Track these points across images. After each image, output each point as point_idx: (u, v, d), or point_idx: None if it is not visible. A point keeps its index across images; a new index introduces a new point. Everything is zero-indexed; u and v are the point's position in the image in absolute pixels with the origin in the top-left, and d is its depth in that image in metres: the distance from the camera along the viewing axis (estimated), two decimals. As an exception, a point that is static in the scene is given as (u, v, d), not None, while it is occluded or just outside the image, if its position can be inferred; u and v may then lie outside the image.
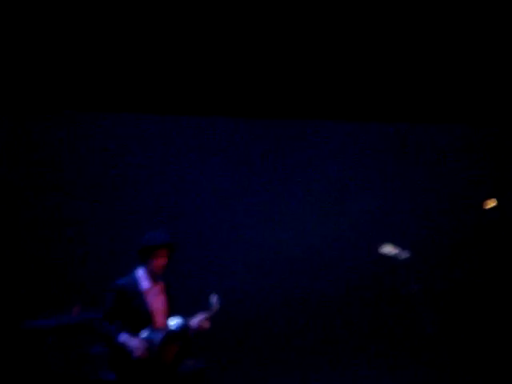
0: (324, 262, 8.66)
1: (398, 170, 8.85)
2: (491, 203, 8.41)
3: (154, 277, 6.81)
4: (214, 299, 6.89)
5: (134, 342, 6.58)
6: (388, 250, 6.51)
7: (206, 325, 6.85)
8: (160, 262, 6.77)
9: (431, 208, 8.76)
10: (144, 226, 7.56)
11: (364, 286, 8.61)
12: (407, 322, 7.74)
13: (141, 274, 6.82)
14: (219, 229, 8.67)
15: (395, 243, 6.62)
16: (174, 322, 6.77)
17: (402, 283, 6.44)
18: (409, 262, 6.44)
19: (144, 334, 6.65)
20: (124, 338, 6.59)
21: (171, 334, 6.70)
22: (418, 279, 6.43)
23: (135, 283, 6.77)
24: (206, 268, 8.40)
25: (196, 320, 6.83)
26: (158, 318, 6.76)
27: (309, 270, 8.60)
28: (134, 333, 6.64)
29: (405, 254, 6.44)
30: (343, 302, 8.74)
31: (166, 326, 6.74)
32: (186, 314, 6.84)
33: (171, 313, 6.82)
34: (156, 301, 6.79)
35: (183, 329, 6.75)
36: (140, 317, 6.69)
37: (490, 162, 8.65)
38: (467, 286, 8.59)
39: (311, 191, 8.89)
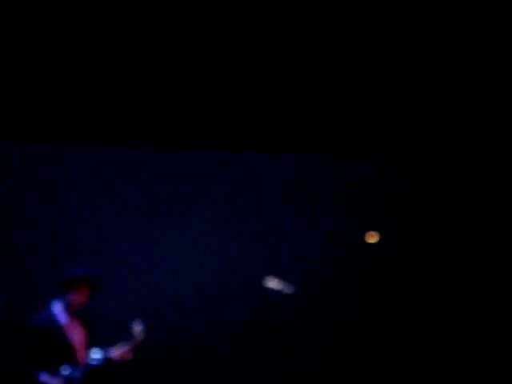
0: (213, 294, 8.79)
1: (284, 202, 9.05)
2: (373, 237, 8.81)
3: (71, 312, 6.75)
4: (137, 328, 6.91)
5: (54, 381, 6.52)
6: (273, 283, 6.66)
7: (129, 356, 6.84)
8: (80, 297, 6.72)
9: (318, 242, 8.86)
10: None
11: (252, 320, 8.86)
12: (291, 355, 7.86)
13: (58, 308, 6.73)
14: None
15: (280, 277, 6.80)
16: (94, 356, 6.71)
17: (286, 317, 6.57)
18: (294, 297, 6.57)
19: (64, 371, 6.57)
20: (45, 377, 6.51)
21: (91, 370, 6.65)
22: (302, 314, 6.58)
23: (53, 318, 6.69)
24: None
25: (117, 352, 6.81)
26: (79, 353, 6.70)
27: (198, 303, 8.75)
28: (55, 369, 6.56)
29: (289, 289, 6.57)
30: (228, 338, 8.92)
31: (87, 361, 6.68)
32: (107, 345, 6.81)
33: (91, 347, 6.76)
34: (76, 335, 6.73)
35: (104, 363, 6.70)
36: (61, 352, 6.61)
37: (379, 196, 8.99)
38: (354, 322, 8.70)
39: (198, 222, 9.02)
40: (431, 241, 8.50)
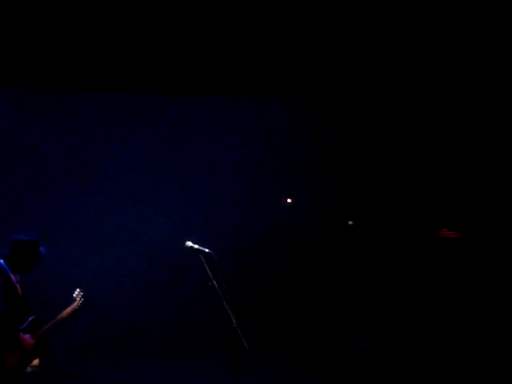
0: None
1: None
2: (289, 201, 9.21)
3: (14, 271, 6.96)
4: (75, 293, 7.27)
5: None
6: (191, 244, 6.63)
7: (65, 314, 7.14)
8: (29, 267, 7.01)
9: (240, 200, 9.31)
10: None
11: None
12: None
13: (4, 265, 6.90)
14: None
15: (200, 237, 6.73)
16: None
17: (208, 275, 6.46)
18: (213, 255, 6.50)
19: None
20: None
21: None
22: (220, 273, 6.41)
23: (7, 273, 6.89)
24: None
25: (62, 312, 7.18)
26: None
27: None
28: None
29: (207, 249, 6.54)
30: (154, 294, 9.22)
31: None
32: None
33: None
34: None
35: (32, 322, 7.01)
36: (21, 305, 6.90)
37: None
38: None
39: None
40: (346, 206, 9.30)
